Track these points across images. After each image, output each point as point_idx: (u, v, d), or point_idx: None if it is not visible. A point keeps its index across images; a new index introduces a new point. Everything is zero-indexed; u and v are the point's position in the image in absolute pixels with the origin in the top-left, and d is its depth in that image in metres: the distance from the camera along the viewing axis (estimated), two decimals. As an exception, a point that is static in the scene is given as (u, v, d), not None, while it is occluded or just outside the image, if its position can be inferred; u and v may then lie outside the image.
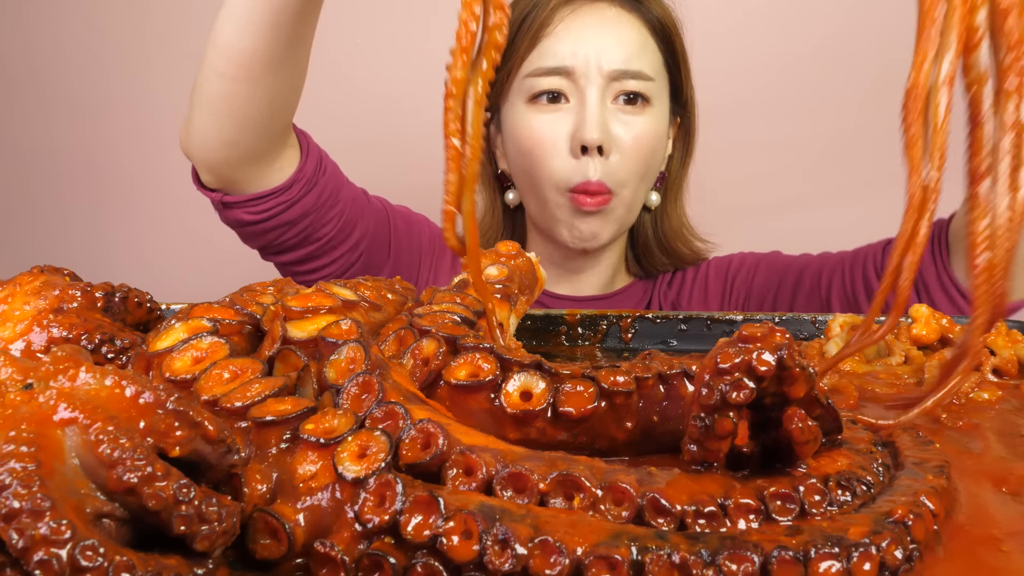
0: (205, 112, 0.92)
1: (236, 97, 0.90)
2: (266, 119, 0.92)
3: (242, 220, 1.01)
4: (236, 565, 0.43)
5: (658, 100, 1.15)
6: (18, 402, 0.40)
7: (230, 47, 0.87)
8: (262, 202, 0.99)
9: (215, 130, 0.93)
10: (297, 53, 0.90)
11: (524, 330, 0.85)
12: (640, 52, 1.13)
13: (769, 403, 0.46)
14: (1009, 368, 0.75)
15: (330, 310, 0.57)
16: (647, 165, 1.15)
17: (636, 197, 1.17)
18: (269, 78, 0.89)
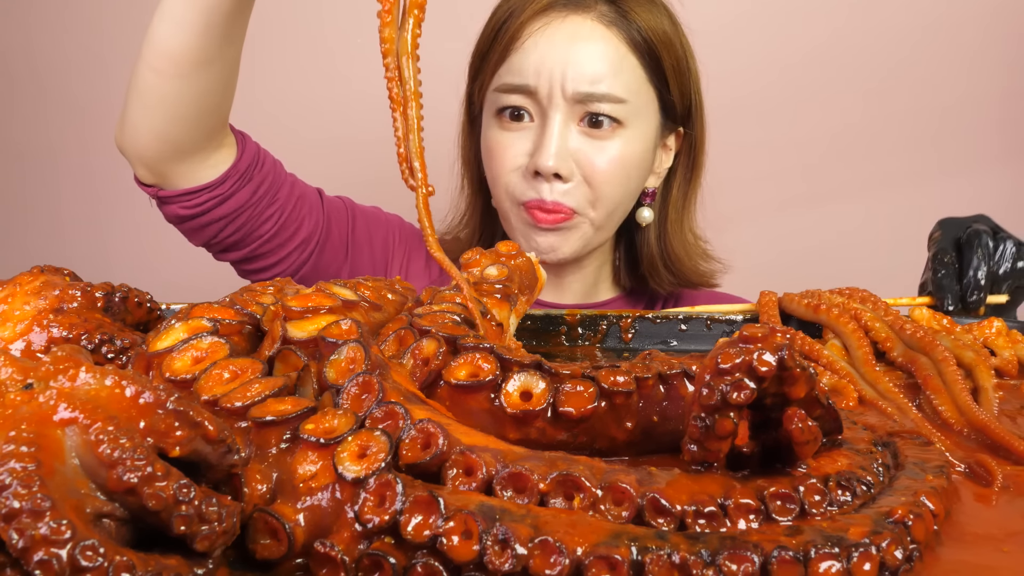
0: (139, 107, 0.96)
1: (168, 93, 0.94)
2: (197, 115, 0.96)
3: (179, 215, 1.03)
4: (236, 565, 0.43)
5: (635, 120, 1.10)
6: (18, 402, 0.40)
7: (164, 45, 0.91)
8: (195, 196, 1.01)
9: (147, 125, 0.96)
10: (227, 52, 0.94)
11: (524, 330, 0.85)
12: (613, 72, 1.07)
13: (770, 403, 0.46)
14: (1009, 368, 0.75)
15: (330, 310, 0.57)
16: (623, 189, 1.11)
17: (612, 218, 1.14)
18: (200, 75, 0.93)
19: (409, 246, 1.24)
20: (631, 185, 1.13)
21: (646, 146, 1.12)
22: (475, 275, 0.68)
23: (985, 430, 0.61)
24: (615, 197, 1.11)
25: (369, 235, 1.19)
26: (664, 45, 1.10)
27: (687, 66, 1.15)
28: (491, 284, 0.66)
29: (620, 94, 1.07)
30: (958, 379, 0.67)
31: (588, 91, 1.06)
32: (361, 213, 1.20)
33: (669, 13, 1.15)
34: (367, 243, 1.18)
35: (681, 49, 1.14)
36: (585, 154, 1.08)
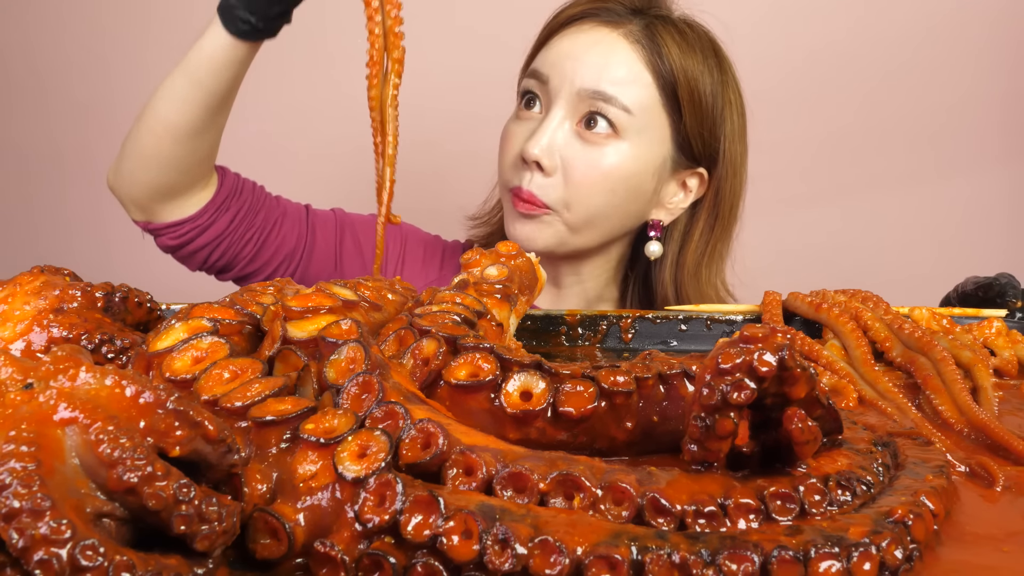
0: (134, 161, 1.08)
1: (163, 153, 1.06)
2: (188, 168, 1.09)
3: (168, 245, 1.16)
4: (236, 565, 0.43)
5: (636, 138, 1.10)
6: (18, 402, 0.40)
7: (165, 117, 1.05)
8: (179, 227, 1.13)
9: (141, 177, 1.09)
10: (220, 120, 1.08)
11: (524, 330, 0.85)
12: (624, 81, 1.09)
13: (770, 403, 0.46)
14: (1009, 368, 0.75)
15: (330, 310, 0.57)
16: (603, 200, 1.11)
17: (592, 226, 1.13)
18: (194, 141, 1.07)
19: (404, 249, 1.27)
20: (614, 199, 1.12)
21: (642, 167, 1.12)
22: (475, 275, 0.68)
23: (985, 430, 0.61)
24: (593, 204, 1.11)
25: (358, 243, 1.24)
26: (685, 77, 1.12)
27: (716, 111, 1.15)
28: (491, 284, 0.66)
29: (626, 103, 1.09)
30: (957, 379, 0.67)
31: (594, 88, 1.08)
32: (351, 223, 1.24)
33: (717, 58, 1.16)
34: (356, 251, 1.23)
35: (711, 92, 1.14)
36: (573, 152, 1.09)
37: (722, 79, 1.16)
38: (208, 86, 1.03)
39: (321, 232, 1.21)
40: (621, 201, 1.13)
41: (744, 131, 1.20)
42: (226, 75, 1.03)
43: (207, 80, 1.02)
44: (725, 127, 1.17)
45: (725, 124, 1.17)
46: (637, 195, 1.14)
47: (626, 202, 1.14)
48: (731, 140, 1.18)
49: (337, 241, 1.22)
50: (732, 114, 1.18)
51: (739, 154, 1.20)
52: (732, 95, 1.18)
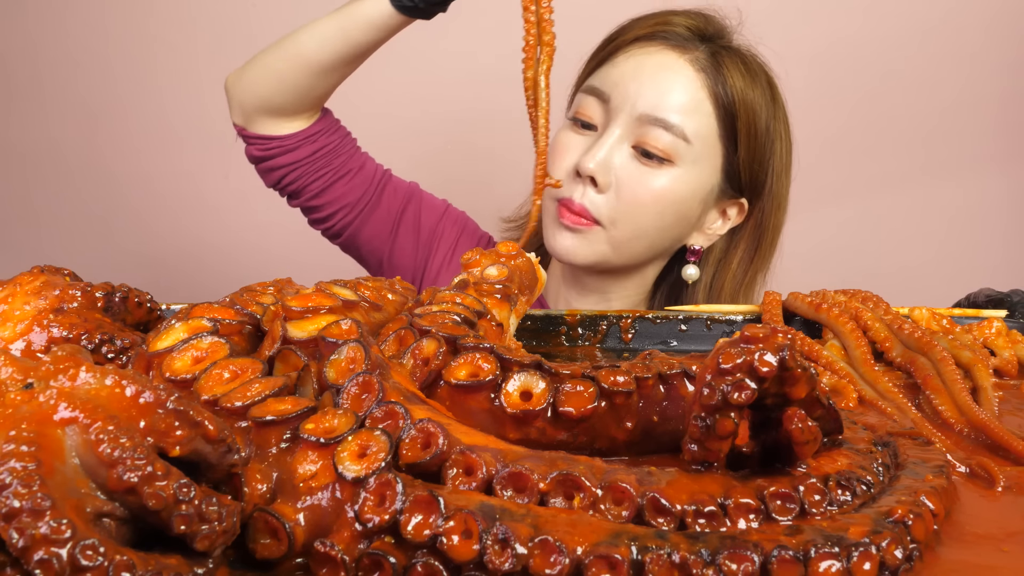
0: (261, 76, 1.18)
1: (289, 78, 1.16)
2: (301, 98, 1.18)
3: (253, 155, 1.25)
4: (236, 564, 0.43)
5: (690, 166, 1.11)
6: (18, 402, 0.40)
7: (304, 50, 1.15)
8: (268, 142, 1.22)
9: (261, 90, 1.18)
10: (348, 70, 1.18)
11: (524, 330, 0.85)
12: (686, 110, 1.10)
13: (770, 403, 0.46)
14: (1009, 368, 0.75)
15: (330, 310, 0.57)
16: (651, 221, 1.12)
17: (632, 245, 1.14)
18: (320, 78, 1.17)
19: (460, 236, 1.32)
20: (661, 223, 1.13)
21: (692, 194, 1.13)
22: (475, 275, 0.68)
23: (985, 429, 0.61)
24: (641, 224, 1.12)
25: (418, 219, 1.30)
26: (746, 110, 1.13)
27: (768, 145, 1.17)
28: (491, 284, 0.66)
29: (686, 131, 1.10)
30: (957, 379, 0.67)
31: (656, 115, 1.09)
32: (420, 199, 1.31)
33: (772, 92, 1.18)
34: (414, 225, 1.30)
35: (765, 125, 1.16)
36: (627, 172, 1.10)
37: (775, 113, 1.18)
38: (354, 40, 1.12)
39: (388, 198, 1.28)
40: (667, 225, 1.15)
41: (790, 165, 1.22)
42: (373, 37, 1.12)
43: (355, 35, 1.12)
44: (774, 161, 1.19)
45: (774, 158, 1.19)
46: (681, 220, 1.16)
47: (671, 226, 1.15)
48: (778, 174, 1.20)
49: (400, 210, 1.29)
50: (781, 148, 1.20)
51: (784, 187, 1.22)
52: (783, 129, 1.20)
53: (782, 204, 1.22)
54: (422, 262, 1.30)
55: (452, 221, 1.32)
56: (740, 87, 1.13)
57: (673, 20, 1.15)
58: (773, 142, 1.18)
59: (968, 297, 0.96)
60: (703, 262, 1.22)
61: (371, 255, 1.30)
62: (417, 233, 1.29)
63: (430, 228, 1.30)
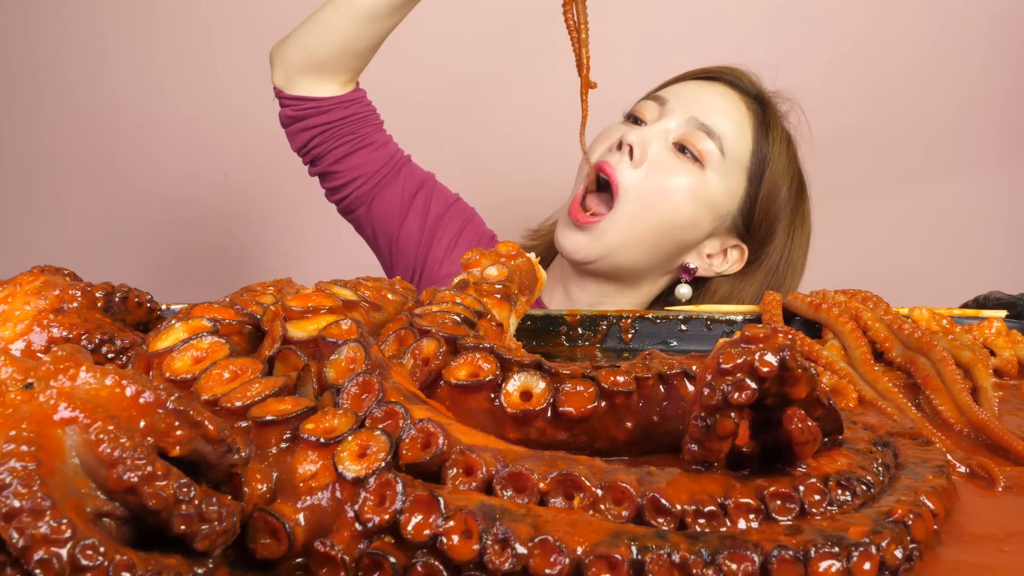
0: (310, 29, 1.26)
1: (340, 27, 1.24)
2: (350, 48, 1.26)
3: (288, 115, 1.31)
4: (236, 564, 0.43)
5: (716, 175, 1.18)
6: (18, 401, 0.40)
7: (364, 2, 1.22)
8: (304, 102, 1.29)
9: (311, 41, 1.26)
10: (393, 20, 1.25)
11: (524, 330, 0.85)
12: (731, 130, 1.19)
13: (771, 403, 0.46)
14: (1009, 368, 0.75)
15: (330, 310, 0.57)
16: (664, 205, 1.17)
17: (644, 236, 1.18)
18: (369, 25, 1.24)
19: (464, 228, 1.36)
20: (675, 218, 1.18)
21: (709, 204, 1.20)
22: (475, 275, 0.68)
23: (985, 429, 0.61)
24: (655, 211, 1.17)
25: (428, 204, 1.35)
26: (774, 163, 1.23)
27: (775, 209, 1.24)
28: (491, 284, 0.66)
29: (724, 144, 1.18)
30: (957, 379, 0.67)
31: (703, 120, 1.18)
32: (432, 187, 1.36)
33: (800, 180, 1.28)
34: (423, 210, 1.36)
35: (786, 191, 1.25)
36: (661, 158, 1.18)
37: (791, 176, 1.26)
38: None
39: (405, 177, 1.34)
40: (677, 224, 1.19)
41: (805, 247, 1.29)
42: None
43: None
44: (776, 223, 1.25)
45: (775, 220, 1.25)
46: (691, 227, 1.20)
47: (681, 228, 1.19)
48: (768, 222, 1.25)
49: (413, 192, 1.35)
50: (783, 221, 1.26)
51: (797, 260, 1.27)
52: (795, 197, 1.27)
53: (796, 272, 1.28)
54: (425, 248, 1.35)
55: (459, 212, 1.37)
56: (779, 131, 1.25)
57: (736, 70, 1.28)
58: (777, 211, 1.25)
59: (976, 299, 0.96)
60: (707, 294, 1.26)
61: (381, 233, 1.35)
62: (425, 218, 1.35)
63: (437, 215, 1.35)
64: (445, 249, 1.34)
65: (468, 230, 1.36)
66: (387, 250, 1.36)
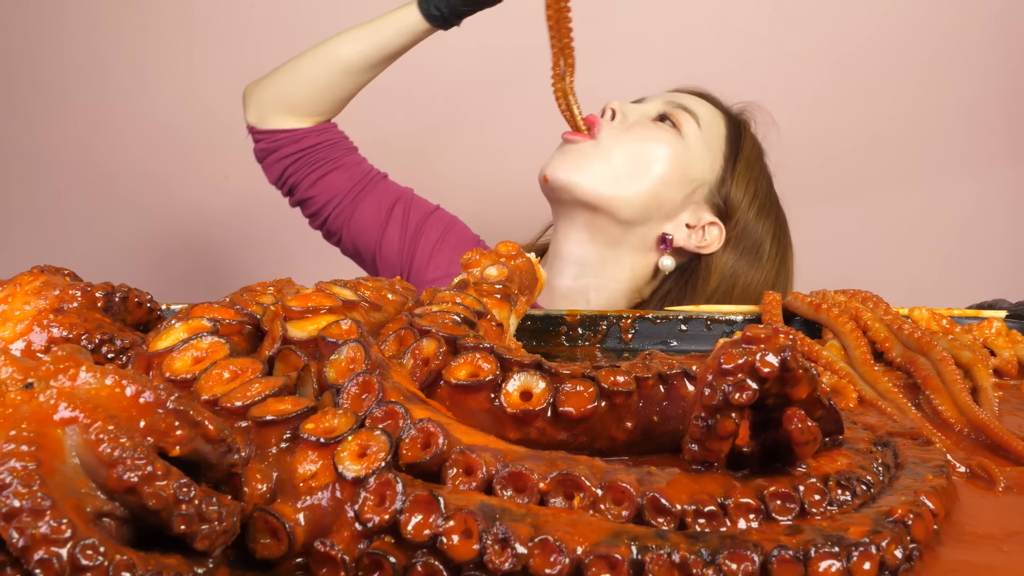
0: (290, 75, 1.32)
1: (322, 76, 1.31)
2: (328, 95, 1.32)
3: (262, 149, 1.36)
4: (236, 564, 0.43)
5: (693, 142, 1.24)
6: (19, 401, 0.40)
7: (338, 50, 1.30)
8: (277, 134, 1.34)
9: (289, 87, 1.32)
10: (372, 74, 1.32)
11: (524, 330, 0.85)
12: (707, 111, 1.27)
13: (771, 404, 0.46)
14: (1009, 368, 0.75)
15: (330, 310, 0.57)
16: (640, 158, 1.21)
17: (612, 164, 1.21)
18: (347, 77, 1.31)
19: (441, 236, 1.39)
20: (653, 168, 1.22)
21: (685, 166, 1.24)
22: (475, 275, 0.68)
23: (985, 429, 0.61)
24: (628, 152, 1.22)
25: (407, 216, 1.39)
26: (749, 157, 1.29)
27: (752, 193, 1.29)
28: (491, 284, 0.66)
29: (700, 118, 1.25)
30: (957, 379, 0.67)
31: (680, 101, 1.26)
32: (410, 199, 1.40)
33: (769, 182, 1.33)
34: (402, 222, 1.39)
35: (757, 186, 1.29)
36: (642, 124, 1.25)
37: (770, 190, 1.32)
38: (383, 41, 1.28)
39: (380, 194, 1.38)
40: (653, 174, 1.22)
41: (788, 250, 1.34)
42: (401, 40, 1.28)
43: (386, 37, 1.28)
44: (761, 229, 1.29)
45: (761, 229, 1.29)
46: (667, 183, 1.23)
47: (656, 180, 1.22)
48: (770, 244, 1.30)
49: (390, 206, 1.39)
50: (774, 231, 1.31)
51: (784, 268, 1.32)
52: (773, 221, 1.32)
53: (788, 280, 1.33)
54: (408, 257, 1.38)
55: (438, 220, 1.40)
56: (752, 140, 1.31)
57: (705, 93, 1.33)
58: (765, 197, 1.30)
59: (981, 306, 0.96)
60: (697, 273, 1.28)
61: (363, 248, 1.38)
62: (404, 228, 1.38)
63: (416, 225, 1.39)
64: (426, 257, 1.37)
65: (450, 236, 1.39)
66: (371, 264, 1.40)
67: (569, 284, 1.27)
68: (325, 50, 1.31)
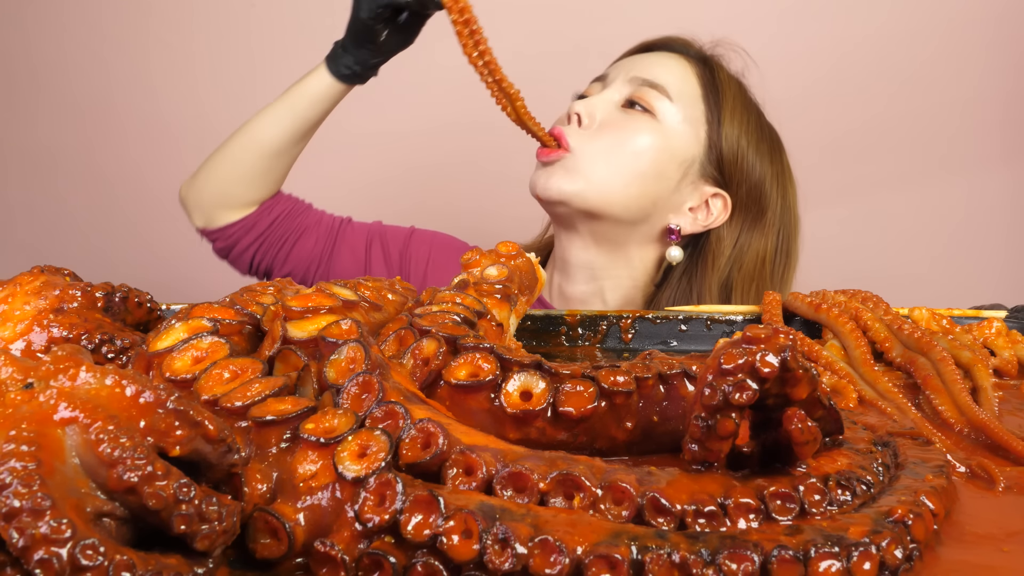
0: (219, 170, 1.27)
1: (247, 165, 1.26)
2: (263, 181, 1.28)
3: (220, 247, 1.33)
4: (236, 564, 0.43)
5: (670, 122, 1.19)
6: (19, 401, 0.40)
7: (260, 136, 1.24)
8: (229, 229, 1.31)
9: (222, 182, 1.27)
10: (300, 148, 1.28)
11: (524, 330, 0.85)
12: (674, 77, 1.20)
13: (771, 404, 0.46)
14: (1009, 368, 0.75)
15: (330, 310, 0.57)
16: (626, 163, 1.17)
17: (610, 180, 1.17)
18: (277, 159, 1.26)
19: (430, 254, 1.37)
20: (636, 165, 1.17)
21: (671, 151, 1.19)
22: (475, 275, 0.68)
23: (985, 429, 0.61)
24: (613, 156, 1.17)
25: (385, 248, 1.37)
26: (732, 93, 1.22)
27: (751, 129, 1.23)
28: (491, 284, 0.66)
29: (670, 91, 1.19)
30: (957, 379, 0.67)
31: (644, 76, 1.20)
32: (383, 234, 1.37)
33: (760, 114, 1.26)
34: (383, 255, 1.37)
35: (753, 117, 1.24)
36: (610, 117, 1.20)
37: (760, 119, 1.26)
38: (303, 115, 1.23)
39: (351, 237, 1.35)
40: (642, 172, 1.18)
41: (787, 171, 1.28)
42: (320, 108, 1.23)
43: (304, 110, 1.23)
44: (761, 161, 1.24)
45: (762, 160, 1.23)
46: (658, 176, 1.19)
47: (647, 175, 1.18)
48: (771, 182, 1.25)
49: (366, 245, 1.37)
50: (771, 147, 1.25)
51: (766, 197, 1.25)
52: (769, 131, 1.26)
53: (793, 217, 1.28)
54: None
55: (419, 241, 1.37)
56: (726, 77, 1.25)
57: (673, 37, 1.28)
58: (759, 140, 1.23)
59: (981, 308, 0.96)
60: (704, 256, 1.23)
61: None
62: (388, 260, 1.37)
63: (398, 251, 1.37)
64: (421, 279, 1.35)
65: (437, 255, 1.36)
66: None
67: (583, 289, 1.26)
68: (248, 137, 1.25)
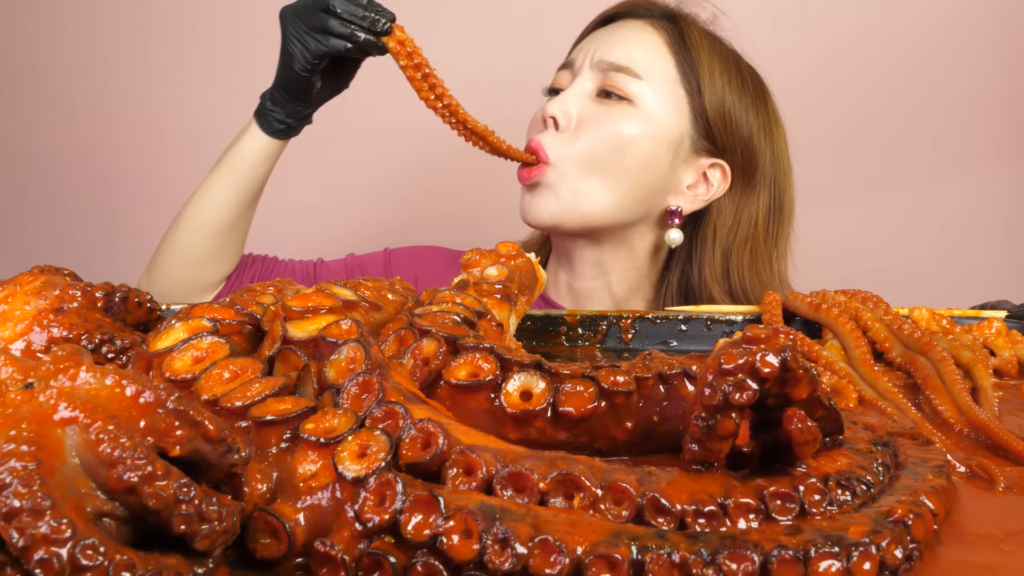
0: (173, 259, 1.19)
1: (199, 247, 1.19)
2: (221, 258, 1.21)
3: None
4: (236, 564, 0.43)
5: (649, 104, 1.14)
6: (19, 401, 0.40)
7: (204, 216, 1.17)
8: None
9: (179, 271, 1.19)
10: (250, 216, 1.22)
11: (524, 330, 0.85)
12: (642, 52, 1.15)
13: (771, 404, 0.46)
14: (1009, 368, 0.75)
15: (330, 310, 0.57)
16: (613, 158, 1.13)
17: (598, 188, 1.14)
18: (229, 234, 1.20)
19: (417, 268, 1.33)
20: (623, 160, 1.13)
21: (656, 136, 1.14)
22: (475, 275, 0.68)
23: (985, 430, 0.61)
24: (597, 159, 1.13)
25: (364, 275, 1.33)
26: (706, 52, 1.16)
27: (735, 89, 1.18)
28: (491, 284, 0.66)
29: (638, 70, 1.14)
30: (957, 379, 0.67)
31: (608, 60, 1.15)
32: (359, 264, 1.33)
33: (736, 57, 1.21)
34: None
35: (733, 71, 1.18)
36: (587, 112, 1.15)
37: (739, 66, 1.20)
38: (244, 181, 1.16)
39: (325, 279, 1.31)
40: (630, 166, 1.14)
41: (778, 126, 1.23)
42: (261, 170, 1.17)
43: (244, 176, 1.16)
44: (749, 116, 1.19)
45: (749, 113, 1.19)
46: (649, 165, 1.15)
47: (636, 168, 1.14)
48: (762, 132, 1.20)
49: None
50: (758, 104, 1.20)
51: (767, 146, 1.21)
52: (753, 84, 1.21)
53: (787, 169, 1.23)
54: None
55: (400, 260, 1.34)
56: (697, 35, 1.18)
57: (637, 2, 1.22)
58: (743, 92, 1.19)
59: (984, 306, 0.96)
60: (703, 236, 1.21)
61: None
62: None
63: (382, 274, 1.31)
64: None
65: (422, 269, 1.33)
66: None
67: (590, 284, 1.25)
68: (195, 220, 1.18)
